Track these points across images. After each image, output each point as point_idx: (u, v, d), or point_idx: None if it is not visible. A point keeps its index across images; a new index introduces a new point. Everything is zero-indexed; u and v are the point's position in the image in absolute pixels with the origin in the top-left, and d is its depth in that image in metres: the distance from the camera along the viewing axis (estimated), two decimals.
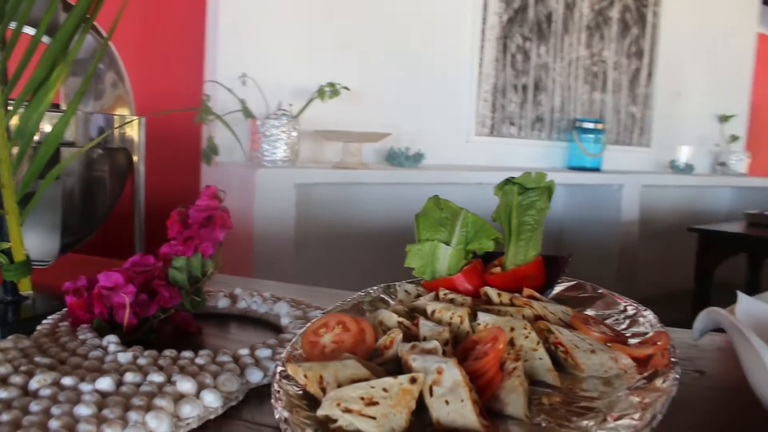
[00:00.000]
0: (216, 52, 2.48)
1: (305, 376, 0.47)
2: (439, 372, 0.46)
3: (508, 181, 0.71)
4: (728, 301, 0.64)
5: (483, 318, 0.58)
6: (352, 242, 2.67)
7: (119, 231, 1.22)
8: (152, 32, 2.37)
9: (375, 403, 0.44)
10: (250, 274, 2.07)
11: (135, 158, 0.98)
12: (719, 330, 0.60)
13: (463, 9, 3.22)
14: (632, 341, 0.59)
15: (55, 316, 0.71)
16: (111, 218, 1.02)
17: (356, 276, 2.64)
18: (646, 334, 0.59)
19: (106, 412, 0.46)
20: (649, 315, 0.63)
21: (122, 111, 1.00)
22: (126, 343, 0.62)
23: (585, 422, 0.46)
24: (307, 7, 2.69)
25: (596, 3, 3.81)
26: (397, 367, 0.52)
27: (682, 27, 4.37)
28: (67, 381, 0.51)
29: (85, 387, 0.50)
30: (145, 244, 1.00)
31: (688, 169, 4.31)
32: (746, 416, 0.54)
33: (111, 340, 0.61)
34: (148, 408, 0.47)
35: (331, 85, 2.52)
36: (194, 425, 0.47)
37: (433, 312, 0.59)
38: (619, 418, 0.45)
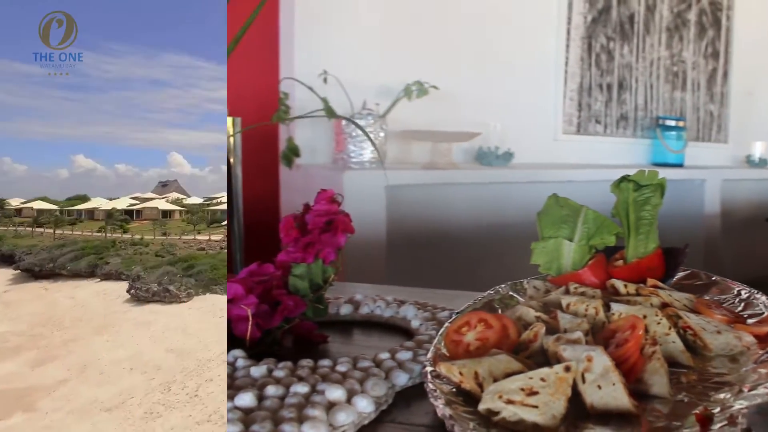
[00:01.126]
0: (293, 47, 2.33)
1: (460, 374, 0.49)
2: (589, 360, 0.48)
3: (624, 178, 0.73)
4: None
5: (616, 308, 0.59)
6: (444, 242, 2.60)
7: None
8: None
9: (535, 393, 0.45)
10: (341, 278, 2.07)
11: (231, 160, 0.96)
12: None
13: (548, 9, 3.21)
14: (750, 321, 0.61)
15: None
16: None
17: (451, 276, 2.55)
18: (762, 314, 0.62)
19: (255, 428, 0.46)
20: (762, 297, 0.66)
21: None
22: (249, 357, 0.60)
23: (722, 395, 0.48)
24: (391, 4, 2.59)
25: (675, 5, 3.79)
26: (542, 358, 0.54)
27: (754, 30, 4.35)
28: None
29: None
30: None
31: (762, 163, 4.34)
32: None
33: (237, 355, 0.60)
34: (300, 419, 0.47)
35: (419, 83, 2.39)
36: None
37: (568, 305, 0.61)
38: (753, 388, 0.47)
